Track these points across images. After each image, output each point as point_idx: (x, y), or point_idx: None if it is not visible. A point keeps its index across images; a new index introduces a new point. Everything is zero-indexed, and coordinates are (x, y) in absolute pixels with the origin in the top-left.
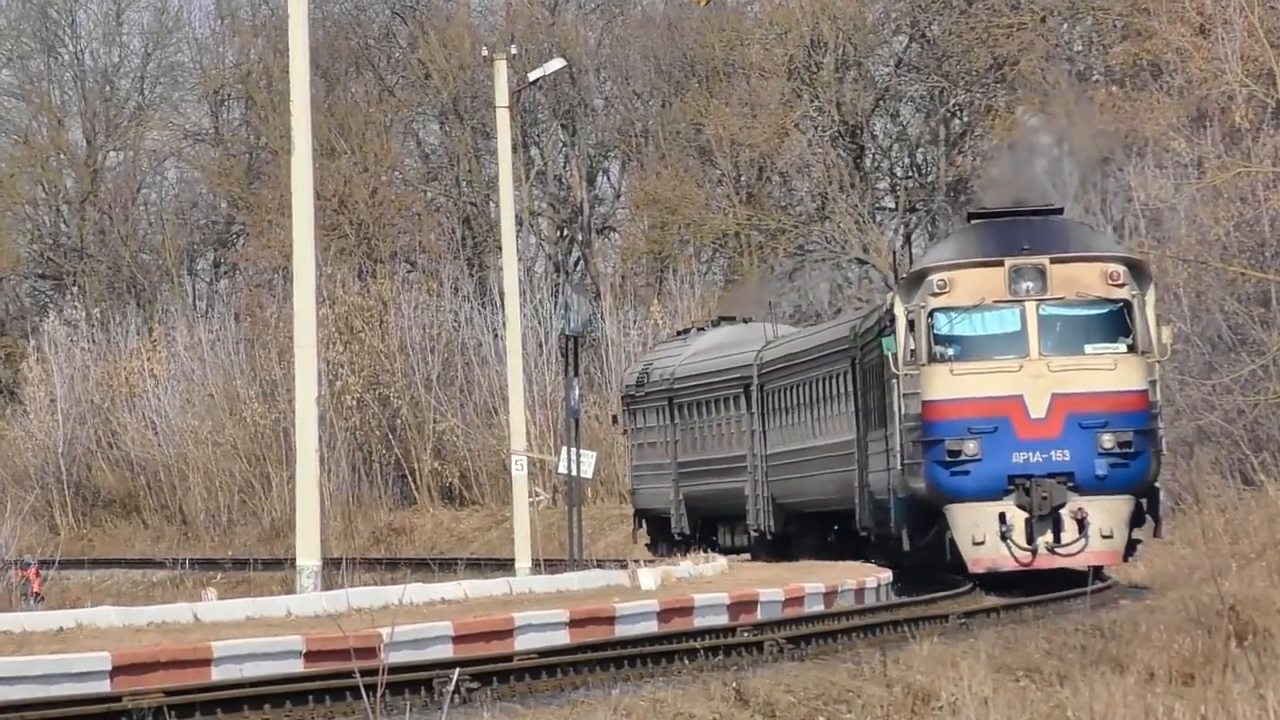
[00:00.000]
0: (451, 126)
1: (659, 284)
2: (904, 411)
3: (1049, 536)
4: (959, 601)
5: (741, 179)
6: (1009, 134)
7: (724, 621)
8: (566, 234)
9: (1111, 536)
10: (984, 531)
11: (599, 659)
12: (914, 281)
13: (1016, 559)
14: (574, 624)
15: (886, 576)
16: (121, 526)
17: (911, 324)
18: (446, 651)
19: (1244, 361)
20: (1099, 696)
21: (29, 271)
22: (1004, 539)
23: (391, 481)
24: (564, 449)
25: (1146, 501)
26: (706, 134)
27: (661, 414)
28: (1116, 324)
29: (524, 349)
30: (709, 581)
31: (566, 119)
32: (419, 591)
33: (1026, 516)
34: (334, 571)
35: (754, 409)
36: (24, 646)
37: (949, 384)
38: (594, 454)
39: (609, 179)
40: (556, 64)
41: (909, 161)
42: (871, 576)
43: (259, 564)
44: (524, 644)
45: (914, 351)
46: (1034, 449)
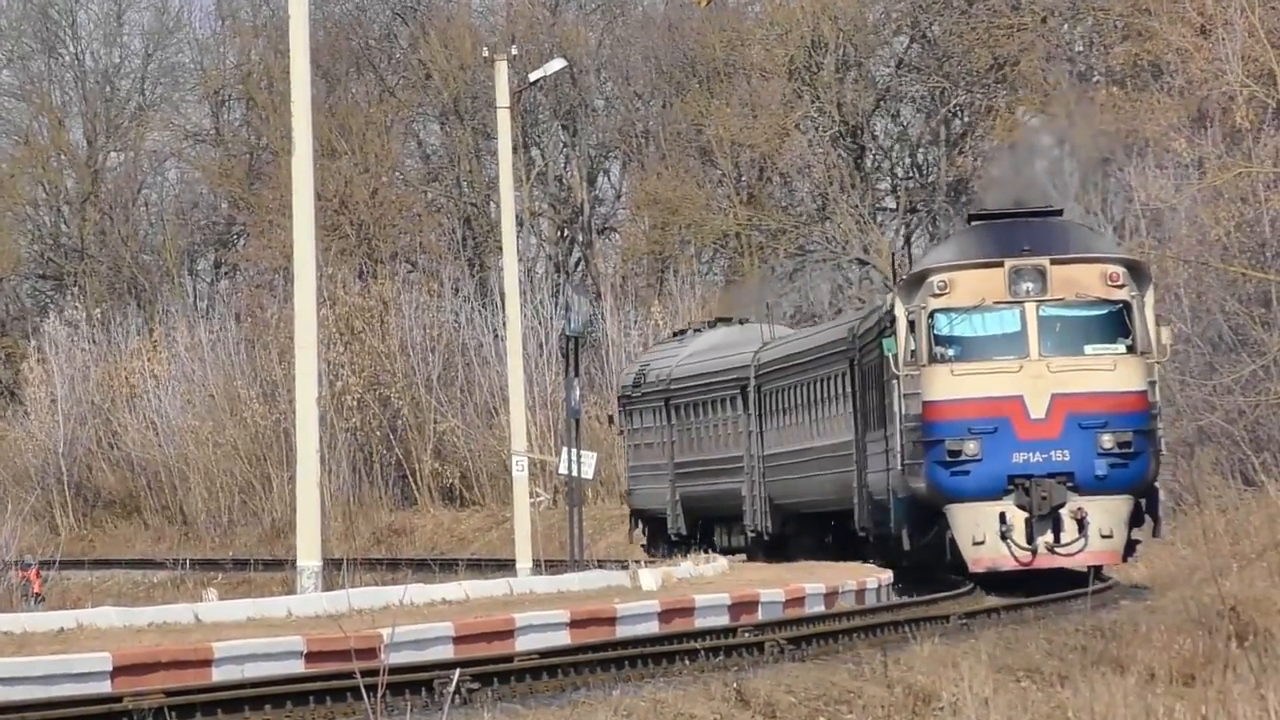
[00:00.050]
0: (452, 127)
1: (659, 284)
2: (904, 412)
3: (1049, 536)
4: (960, 602)
5: (742, 179)
6: (1010, 134)
7: (725, 622)
8: (567, 234)
9: (1111, 536)
10: (984, 531)
11: (600, 659)
12: (914, 282)
13: (1016, 559)
14: (575, 624)
15: (887, 577)
16: (122, 527)
17: (912, 325)
18: (447, 652)
19: (1244, 362)
20: (1099, 697)
21: (30, 272)
22: (1004, 539)
23: (392, 482)
24: (564, 449)
25: (1146, 501)
26: (707, 134)
27: (658, 414)
28: (1116, 325)
29: (524, 349)
30: (710, 582)
31: (567, 119)
32: (420, 592)
33: (1026, 516)
34: (335, 572)
35: (751, 410)
36: (25, 647)
37: (949, 384)
38: (594, 454)
39: (609, 179)
40: (557, 64)
41: (910, 162)
42: (872, 577)
43: (260, 564)
44: (525, 645)
45: (914, 352)
46: (1034, 449)
